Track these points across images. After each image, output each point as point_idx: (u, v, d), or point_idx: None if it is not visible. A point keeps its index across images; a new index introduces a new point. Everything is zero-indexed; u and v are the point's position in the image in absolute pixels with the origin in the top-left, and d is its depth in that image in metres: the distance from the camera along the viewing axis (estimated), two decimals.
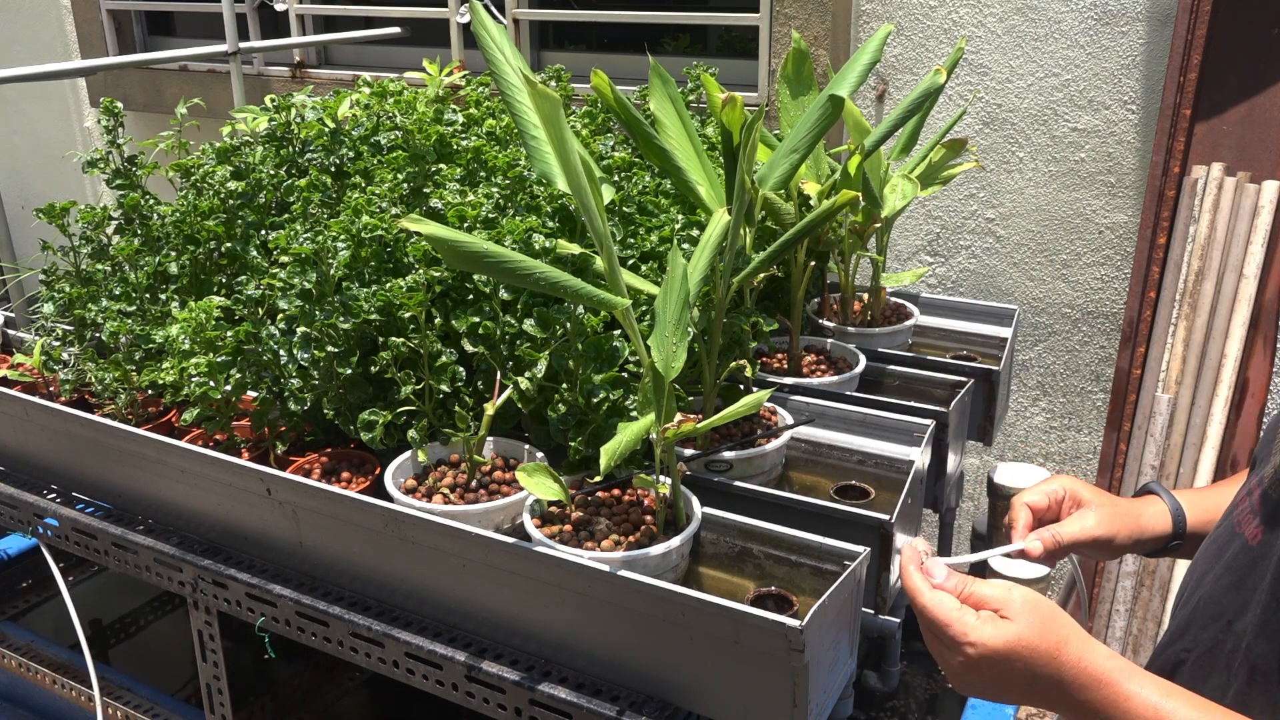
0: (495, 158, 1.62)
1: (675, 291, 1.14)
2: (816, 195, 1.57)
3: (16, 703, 1.90)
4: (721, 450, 1.37)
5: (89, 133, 4.02)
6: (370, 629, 1.27)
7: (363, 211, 1.44)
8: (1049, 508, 1.13)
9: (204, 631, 1.47)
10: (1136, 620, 2.22)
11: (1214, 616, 0.95)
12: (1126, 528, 1.11)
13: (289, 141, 1.82)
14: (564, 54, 3.26)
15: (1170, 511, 1.13)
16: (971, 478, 2.72)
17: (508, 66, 1.15)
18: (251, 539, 1.41)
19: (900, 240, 2.70)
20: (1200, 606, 0.97)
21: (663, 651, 1.11)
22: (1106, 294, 2.51)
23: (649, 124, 1.38)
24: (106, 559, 1.54)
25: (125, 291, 1.67)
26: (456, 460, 1.38)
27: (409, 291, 1.31)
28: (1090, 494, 1.13)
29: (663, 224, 1.55)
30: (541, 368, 1.29)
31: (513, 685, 1.18)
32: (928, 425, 1.43)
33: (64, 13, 3.87)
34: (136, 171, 1.79)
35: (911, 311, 1.85)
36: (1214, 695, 0.86)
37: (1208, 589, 0.97)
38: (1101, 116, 2.41)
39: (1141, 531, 1.12)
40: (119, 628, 2.03)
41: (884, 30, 1.51)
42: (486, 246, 1.05)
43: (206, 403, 1.45)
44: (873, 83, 2.64)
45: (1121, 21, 2.35)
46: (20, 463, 1.70)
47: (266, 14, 3.53)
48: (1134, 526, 1.11)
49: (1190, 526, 1.13)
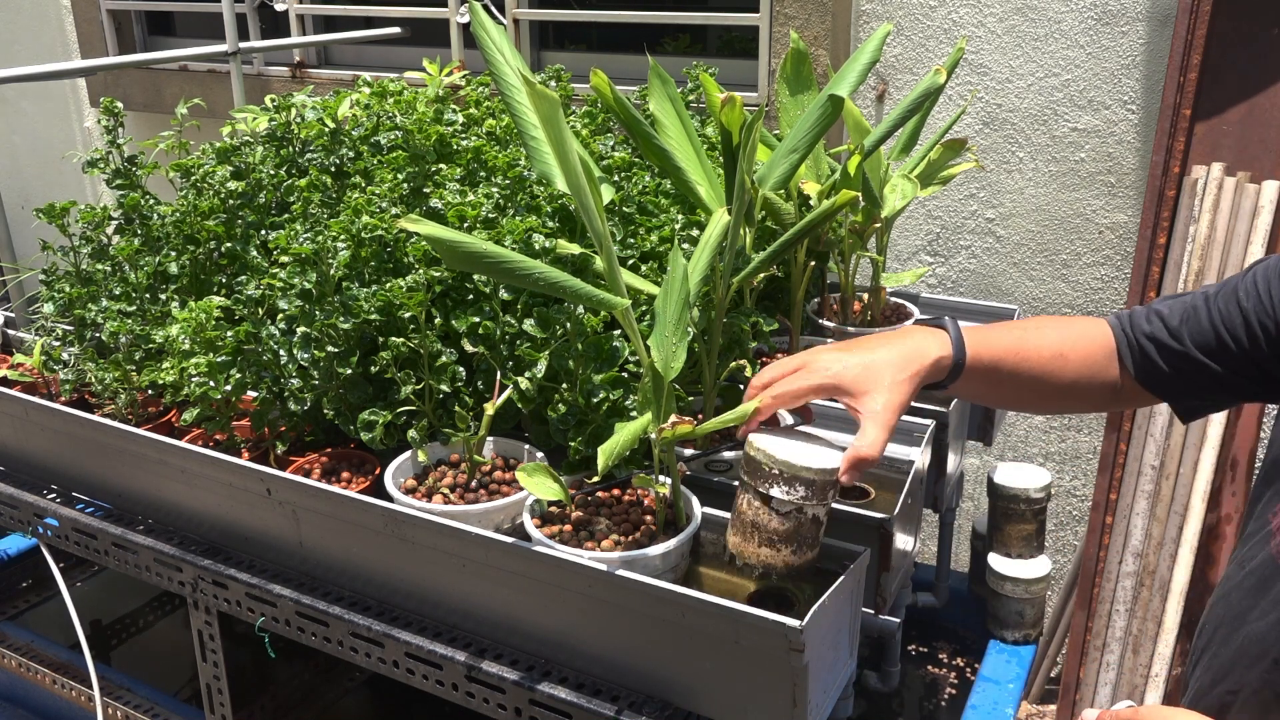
0: (495, 158, 1.62)
1: (675, 291, 1.14)
2: (816, 195, 1.57)
3: (16, 703, 1.90)
4: (721, 450, 1.37)
5: (89, 133, 4.02)
6: (370, 629, 1.27)
7: (363, 211, 1.44)
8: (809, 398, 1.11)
9: (204, 631, 1.47)
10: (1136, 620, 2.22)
11: (1259, 655, 0.92)
12: (912, 389, 1.08)
13: (289, 141, 1.82)
14: (564, 54, 3.26)
15: (951, 355, 1.10)
16: (971, 478, 2.72)
17: (507, 67, 1.15)
18: (251, 539, 1.41)
19: (900, 240, 2.70)
20: (1245, 646, 0.94)
21: (662, 651, 1.11)
22: (1106, 294, 2.51)
23: (649, 124, 1.38)
24: (106, 559, 1.55)
25: (125, 291, 1.67)
26: (456, 460, 1.38)
27: (409, 291, 1.31)
28: (866, 381, 1.07)
29: (663, 224, 1.55)
30: (541, 368, 1.29)
31: (513, 685, 1.18)
32: (928, 425, 1.43)
33: (64, 13, 3.87)
34: (136, 171, 1.79)
35: (911, 311, 1.85)
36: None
37: (1254, 627, 0.93)
38: (1101, 116, 2.41)
39: (924, 381, 1.09)
40: (119, 628, 2.03)
41: (884, 30, 1.51)
42: (486, 247, 1.05)
43: (206, 403, 1.45)
44: (873, 83, 2.64)
45: (1121, 21, 2.35)
46: (20, 463, 1.70)
47: (266, 14, 3.53)
48: (916, 382, 1.08)
49: (969, 367, 1.11)
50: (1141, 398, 1.15)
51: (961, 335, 1.12)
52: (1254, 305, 1.02)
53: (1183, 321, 1.08)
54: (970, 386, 1.15)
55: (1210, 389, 1.08)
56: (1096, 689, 2.27)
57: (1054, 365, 1.13)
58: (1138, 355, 1.11)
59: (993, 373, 1.13)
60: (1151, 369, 1.10)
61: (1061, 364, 1.13)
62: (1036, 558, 1.64)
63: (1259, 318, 1.02)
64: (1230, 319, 1.04)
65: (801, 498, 1.07)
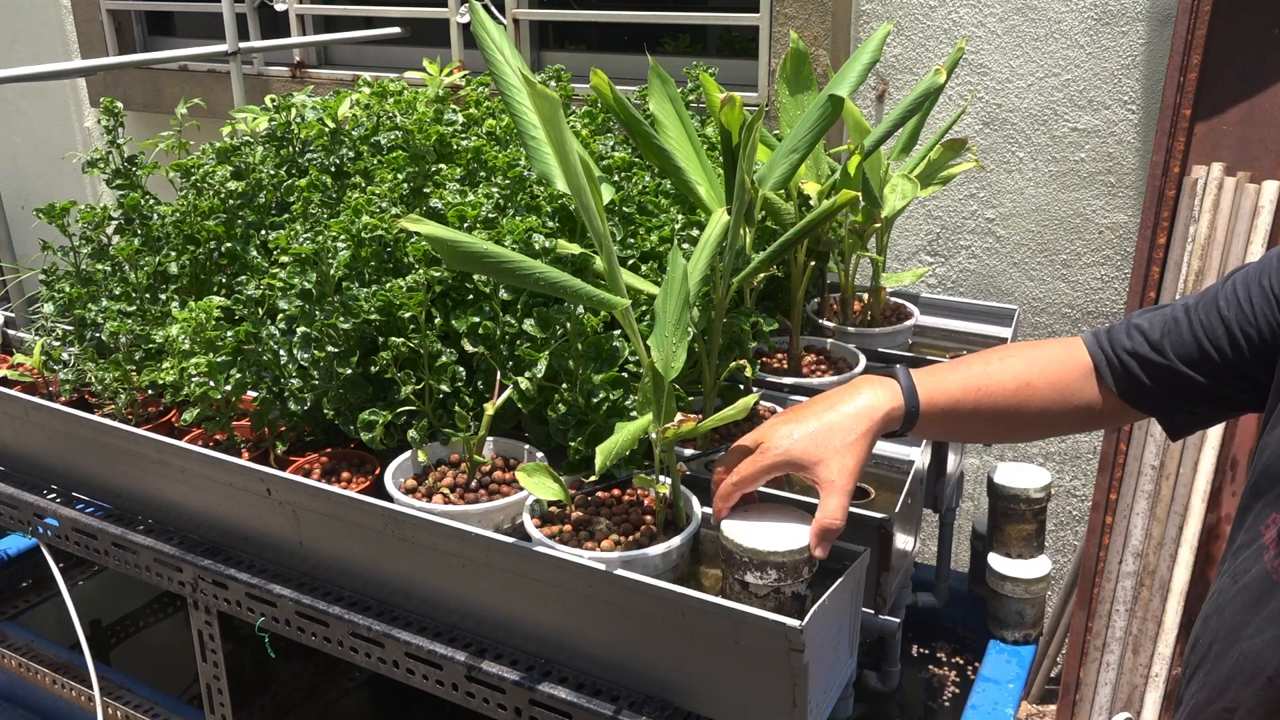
0: (495, 158, 1.62)
1: (675, 291, 1.14)
2: (816, 195, 1.57)
3: (16, 703, 1.90)
4: (721, 450, 1.37)
5: (89, 133, 4.02)
6: (370, 629, 1.27)
7: (363, 211, 1.44)
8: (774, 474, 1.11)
9: (204, 632, 1.47)
10: (1136, 620, 2.22)
11: (1255, 673, 0.91)
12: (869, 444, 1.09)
13: (289, 141, 1.82)
14: (564, 54, 3.26)
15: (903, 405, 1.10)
16: (971, 478, 2.72)
17: (507, 67, 1.15)
18: (251, 539, 1.41)
19: (900, 240, 2.70)
20: (1241, 663, 0.93)
21: (662, 651, 1.11)
22: (1106, 294, 2.51)
23: (649, 124, 1.38)
24: (106, 559, 1.55)
25: (125, 291, 1.67)
26: (456, 460, 1.38)
27: (409, 291, 1.31)
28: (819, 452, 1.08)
29: (663, 224, 1.55)
30: (541, 368, 1.29)
31: (513, 685, 1.18)
32: None
33: (64, 13, 3.87)
34: (136, 171, 1.79)
35: (911, 311, 1.85)
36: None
37: (1250, 644, 0.93)
38: (1101, 116, 2.42)
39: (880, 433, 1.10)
40: (119, 628, 2.03)
41: (884, 30, 1.51)
42: (486, 247, 1.05)
43: (206, 403, 1.45)
44: (873, 83, 2.64)
45: (1121, 21, 2.35)
46: (20, 463, 1.70)
47: (266, 14, 3.53)
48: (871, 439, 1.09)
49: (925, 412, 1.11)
50: (1125, 415, 1.14)
51: (913, 383, 1.12)
52: (1235, 313, 1.02)
53: (1164, 334, 1.07)
54: (931, 429, 1.15)
55: (1196, 401, 1.07)
56: (1096, 689, 2.27)
57: (1020, 396, 1.12)
58: (1119, 372, 1.10)
59: (951, 414, 1.12)
60: (1135, 385, 1.09)
61: (1029, 393, 1.12)
62: (1036, 558, 1.64)
63: (1241, 326, 1.01)
64: (1212, 329, 1.03)
65: (776, 579, 1.08)
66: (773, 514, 1.14)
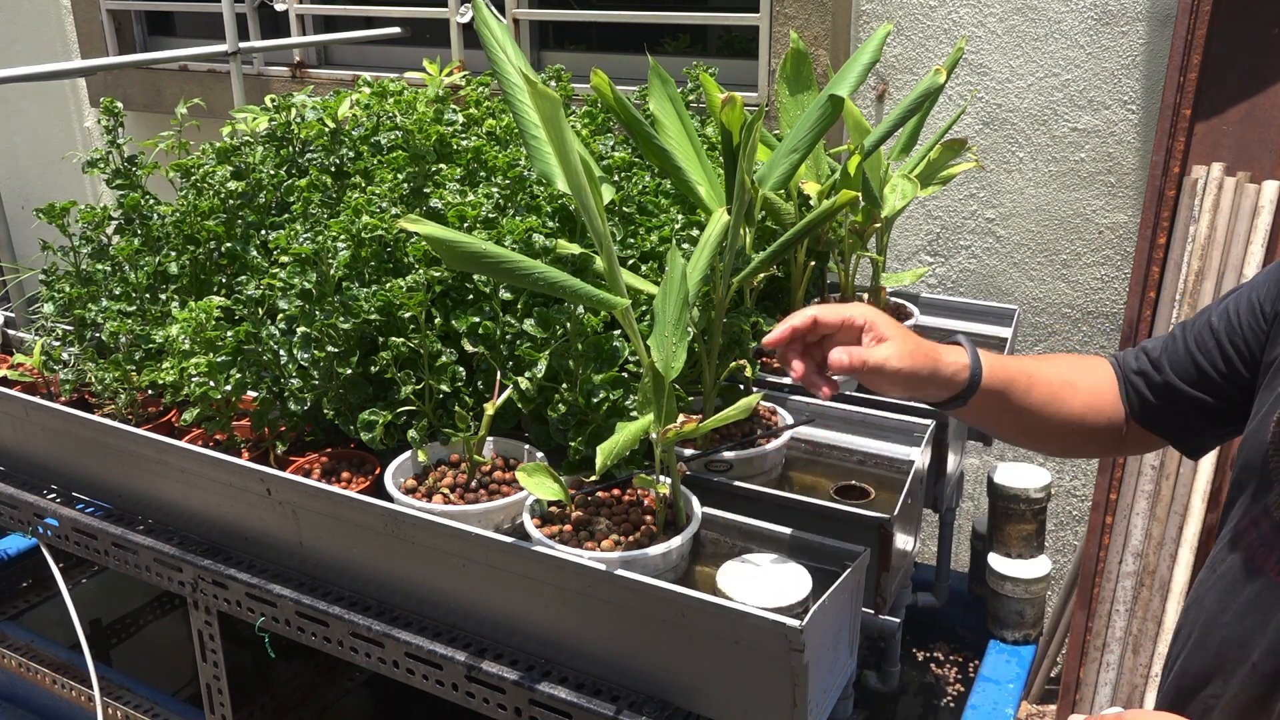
0: (495, 158, 1.62)
1: (675, 291, 1.14)
2: (816, 195, 1.57)
3: (16, 703, 1.90)
4: (721, 450, 1.37)
5: (89, 133, 4.02)
6: (370, 629, 1.27)
7: (363, 211, 1.44)
8: (842, 328, 1.10)
9: (204, 631, 1.47)
10: (1136, 620, 2.22)
11: (1238, 661, 0.93)
12: (925, 366, 1.08)
13: (289, 141, 1.82)
14: (564, 54, 3.26)
15: (969, 364, 1.11)
16: (971, 478, 2.72)
17: (509, 65, 1.15)
18: (251, 539, 1.41)
19: (900, 240, 2.70)
20: (1222, 651, 0.95)
21: (662, 651, 1.11)
22: (1106, 294, 2.51)
23: (649, 124, 1.38)
24: (106, 559, 1.54)
25: (125, 291, 1.67)
26: (456, 460, 1.38)
27: (409, 291, 1.31)
28: (892, 330, 1.09)
29: (663, 224, 1.55)
30: (541, 368, 1.29)
31: (513, 685, 1.18)
32: (928, 425, 1.43)
33: (64, 13, 3.87)
34: (136, 171, 1.79)
35: (911, 311, 1.85)
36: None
37: (1229, 632, 0.95)
38: (1101, 116, 2.41)
39: (937, 372, 1.09)
40: (119, 628, 2.03)
41: (884, 30, 1.51)
42: (486, 247, 1.05)
43: (206, 403, 1.45)
44: (873, 83, 2.64)
45: (1121, 21, 2.35)
46: (20, 463, 1.70)
47: (266, 14, 3.53)
48: (931, 366, 1.09)
49: (985, 383, 1.11)
50: (1146, 442, 1.18)
51: (978, 354, 1.13)
52: (1225, 327, 1.05)
53: (1163, 352, 1.12)
54: (982, 407, 1.15)
55: (1204, 419, 1.10)
56: (1096, 689, 2.27)
57: (1064, 393, 1.15)
58: (1132, 394, 1.14)
59: (1005, 393, 1.13)
60: (1145, 406, 1.13)
61: (1070, 394, 1.15)
62: (1036, 558, 1.64)
63: (1230, 339, 1.05)
64: (1204, 344, 1.07)
65: None
66: (770, 566, 1.15)
